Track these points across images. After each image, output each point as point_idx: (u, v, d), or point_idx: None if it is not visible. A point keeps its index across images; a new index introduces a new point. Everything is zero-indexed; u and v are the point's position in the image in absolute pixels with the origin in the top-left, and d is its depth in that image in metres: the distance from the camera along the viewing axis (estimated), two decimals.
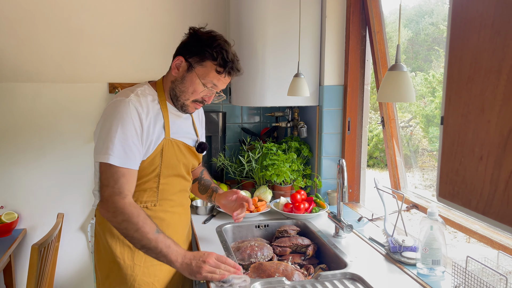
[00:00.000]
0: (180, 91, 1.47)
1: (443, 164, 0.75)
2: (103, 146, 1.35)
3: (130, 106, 1.38)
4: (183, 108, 1.51)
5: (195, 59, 1.44)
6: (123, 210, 1.32)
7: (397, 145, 2.20)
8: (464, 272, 1.25)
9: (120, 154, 1.34)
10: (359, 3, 2.20)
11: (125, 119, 1.36)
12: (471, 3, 0.67)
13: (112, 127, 1.36)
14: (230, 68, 1.45)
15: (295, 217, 2.05)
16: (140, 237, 1.31)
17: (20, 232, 2.49)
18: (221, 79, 1.46)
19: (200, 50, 1.42)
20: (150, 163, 1.45)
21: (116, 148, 1.34)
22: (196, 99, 1.48)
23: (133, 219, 1.31)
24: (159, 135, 1.45)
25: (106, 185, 1.35)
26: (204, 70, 1.43)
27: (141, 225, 1.31)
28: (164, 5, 2.62)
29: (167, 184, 1.52)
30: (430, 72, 4.76)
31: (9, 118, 2.50)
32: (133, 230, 1.31)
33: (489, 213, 0.65)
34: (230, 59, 1.43)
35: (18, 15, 2.44)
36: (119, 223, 1.33)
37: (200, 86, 1.45)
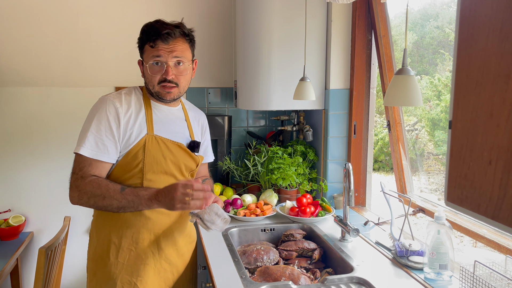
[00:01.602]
0: (147, 84, 1.55)
1: (451, 169, 0.75)
2: (79, 138, 1.47)
3: (107, 102, 1.49)
4: (159, 96, 1.55)
5: (141, 54, 1.56)
6: (84, 189, 1.40)
7: (403, 148, 2.20)
8: (472, 277, 1.25)
9: (91, 146, 1.43)
10: (365, 7, 2.20)
11: (101, 114, 1.47)
12: (479, 8, 0.67)
13: (88, 121, 1.48)
14: (155, 34, 1.47)
15: (301, 221, 2.04)
16: (110, 202, 1.40)
17: (27, 235, 2.51)
18: (159, 48, 1.48)
19: (139, 44, 1.56)
20: (133, 158, 1.49)
21: (88, 140, 1.44)
22: (159, 80, 1.51)
23: (96, 191, 1.40)
24: (140, 131, 1.50)
25: (73, 172, 1.45)
26: (146, 54, 1.52)
27: (105, 192, 1.39)
28: (170, 10, 2.64)
29: (153, 182, 1.53)
30: (436, 76, 4.75)
31: (16, 122, 2.52)
32: (101, 201, 1.40)
33: (499, 218, 0.65)
34: (153, 28, 1.48)
35: (26, 20, 2.46)
36: (88, 202, 1.42)
37: (150, 67, 1.51)
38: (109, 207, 1.41)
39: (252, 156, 2.46)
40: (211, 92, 2.76)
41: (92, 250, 1.60)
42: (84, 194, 1.41)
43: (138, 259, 1.54)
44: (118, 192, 1.40)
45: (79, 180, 1.42)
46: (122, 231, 1.53)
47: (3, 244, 2.38)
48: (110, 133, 1.46)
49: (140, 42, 1.54)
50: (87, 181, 1.41)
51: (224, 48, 2.74)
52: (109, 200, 1.40)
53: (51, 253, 2.04)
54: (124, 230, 1.53)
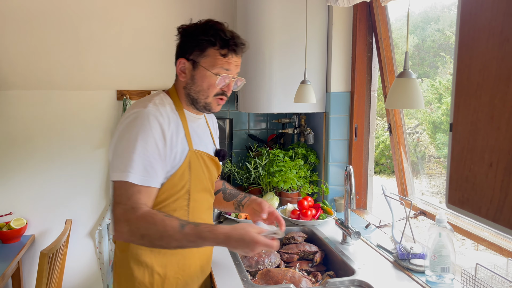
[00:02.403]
0: (197, 92, 1.36)
1: (453, 171, 0.75)
2: (121, 163, 1.23)
3: (150, 117, 1.26)
4: (207, 108, 1.39)
5: (196, 54, 1.33)
6: (137, 224, 1.19)
7: (404, 151, 2.20)
8: (474, 280, 1.24)
9: (140, 171, 1.22)
10: (366, 10, 2.21)
11: (146, 131, 1.24)
12: (479, 10, 0.68)
13: (130, 141, 1.23)
14: (233, 45, 1.33)
15: (302, 224, 2.04)
16: (168, 242, 1.19)
17: (29, 238, 2.51)
18: (230, 61, 1.34)
19: (196, 42, 1.32)
20: (179, 179, 1.34)
21: (135, 164, 1.21)
22: (216, 92, 1.36)
23: (151, 229, 1.18)
24: (183, 147, 1.34)
25: (118, 202, 1.22)
26: (209, 59, 1.32)
27: (162, 230, 1.18)
28: (172, 13, 2.65)
29: (196, 201, 1.40)
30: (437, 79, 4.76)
31: (18, 125, 2.53)
32: (157, 240, 1.19)
33: (500, 220, 0.65)
34: (229, 36, 1.33)
35: (28, 24, 2.47)
36: (140, 240, 1.20)
37: (213, 77, 1.33)
38: (166, 246, 1.21)
39: (253, 159, 2.46)
40: None
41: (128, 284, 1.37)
42: (137, 230, 1.18)
43: (185, 287, 1.43)
44: (178, 230, 1.18)
45: (130, 213, 1.19)
46: (166, 259, 1.38)
47: (5, 247, 2.38)
48: (158, 154, 1.26)
49: (204, 43, 1.32)
50: (140, 215, 1.19)
51: None
52: (167, 240, 1.18)
53: (53, 256, 2.05)
54: (169, 258, 1.38)
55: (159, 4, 2.63)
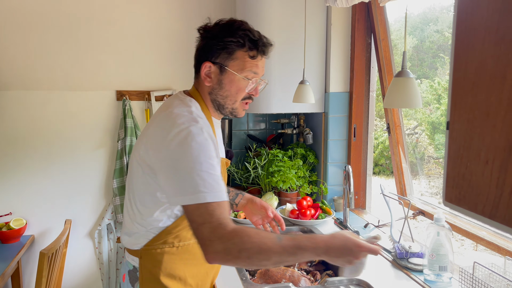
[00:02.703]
0: (224, 97, 1.28)
1: (449, 169, 0.76)
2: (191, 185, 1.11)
3: (204, 132, 1.16)
4: (233, 113, 1.33)
5: (223, 57, 1.25)
6: (232, 240, 1.07)
7: (403, 151, 2.21)
8: (471, 278, 1.25)
9: (213, 189, 1.12)
10: (364, 11, 2.22)
11: (205, 148, 1.14)
12: (475, 10, 0.68)
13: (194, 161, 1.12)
14: (262, 46, 1.27)
15: (301, 224, 2.05)
16: (267, 256, 1.07)
17: (28, 238, 2.51)
18: (258, 63, 1.28)
19: (223, 45, 1.24)
20: None
21: (207, 183, 1.11)
22: (244, 96, 1.30)
23: (249, 244, 1.06)
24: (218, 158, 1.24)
25: (201, 223, 1.10)
26: (238, 62, 1.25)
27: (260, 244, 1.07)
28: (171, 14, 2.66)
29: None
30: (436, 79, 4.77)
31: (18, 125, 2.54)
32: (256, 254, 1.07)
33: (496, 217, 0.66)
34: (257, 37, 1.26)
35: (28, 24, 2.48)
36: (237, 257, 1.07)
37: (242, 81, 1.26)
38: (265, 261, 1.08)
39: (253, 159, 2.47)
40: None
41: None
42: (233, 246, 1.06)
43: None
44: (276, 242, 1.07)
45: (220, 229, 1.08)
46: (197, 269, 1.33)
47: (4, 247, 2.39)
48: (219, 167, 1.18)
49: (232, 45, 1.24)
50: (231, 230, 1.08)
51: None
52: (266, 254, 1.06)
53: (52, 256, 2.05)
54: (199, 268, 1.33)
55: (158, 5, 2.64)
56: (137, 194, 1.25)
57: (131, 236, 1.29)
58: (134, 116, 2.61)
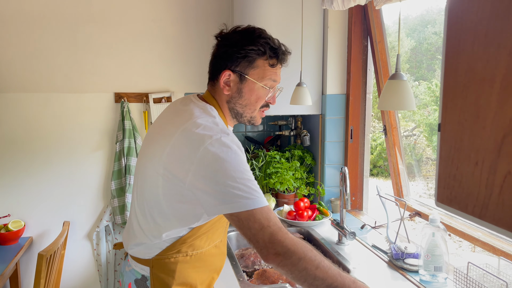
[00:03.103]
0: (243, 106, 1.27)
1: (441, 170, 0.77)
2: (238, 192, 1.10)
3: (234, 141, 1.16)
4: (251, 122, 1.32)
5: (243, 65, 1.23)
6: (295, 247, 1.07)
7: (400, 153, 2.22)
8: (466, 278, 1.26)
9: (260, 194, 1.12)
10: (361, 14, 2.24)
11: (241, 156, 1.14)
12: (465, 14, 0.70)
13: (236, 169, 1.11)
14: (282, 55, 1.27)
15: (298, 225, 2.06)
16: (324, 275, 1.06)
17: (27, 240, 2.52)
18: (277, 71, 1.28)
19: (244, 53, 1.22)
20: None
21: (254, 189, 1.11)
22: (262, 104, 1.30)
23: (308, 255, 1.06)
24: None
25: (260, 228, 1.09)
26: (258, 71, 1.24)
27: (319, 260, 1.07)
28: (169, 17, 2.67)
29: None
30: (433, 81, 4.78)
31: (17, 127, 2.54)
32: (313, 268, 1.06)
33: (485, 217, 0.67)
34: (277, 45, 1.26)
35: (27, 26, 2.49)
36: (296, 265, 1.06)
37: (261, 90, 1.26)
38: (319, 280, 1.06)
39: (250, 161, 2.48)
40: None
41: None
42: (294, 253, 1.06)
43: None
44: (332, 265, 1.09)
45: (280, 233, 1.08)
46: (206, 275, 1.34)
47: (3, 248, 2.39)
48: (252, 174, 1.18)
49: (253, 54, 1.23)
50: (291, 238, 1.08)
51: None
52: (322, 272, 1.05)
53: (50, 257, 2.06)
54: (207, 274, 1.34)
55: (156, 8, 2.65)
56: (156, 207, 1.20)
57: (141, 246, 1.26)
58: (132, 118, 2.62)
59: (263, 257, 1.09)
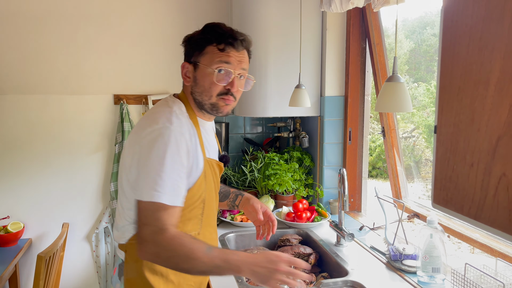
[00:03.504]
0: (200, 93, 1.32)
1: (437, 172, 0.78)
2: (149, 183, 1.18)
3: (177, 135, 1.21)
4: (214, 109, 1.33)
5: (196, 55, 1.32)
6: (166, 247, 1.16)
7: (398, 155, 2.23)
8: (463, 279, 1.27)
9: (169, 191, 1.18)
10: (359, 16, 2.25)
11: (173, 151, 1.19)
12: (460, 18, 0.71)
13: (159, 161, 1.18)
14: (230, 38, 1.29)
15: (297, 226, 2.07)
16: (193, 265, 1.16)
17: (26, 241, 2.52)
18: (230, 55, 1.29)
19: (195, 44, 1.33)
20: (197, 189, 1.30)
21: (165, 184, 1.17)
22: (220, 91, 1.30)
23: (179, 252, 1.15)
24: (200, 157, 1.30)
25: (145, 223, 1.18)
26: (208, 56, 1.29)
27: (189, 254, 1.15)
28: (168, 19, 2.68)
29: (209, 209, 1.38)
30: (432, 83, 4.79)
31: (16, 129, 2.55)
32: (183, 263, 1.16)
33: (481, 218, 0.68)
34: (225, 30, 1.30)
35: (25, 28, 2.50)
36: (167, 261, 1.18)
37: (212, 73, 1.28)
38: (191, 269, 1.17)
39: (249, 162, 2.49)
40: None
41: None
42: (164, 251, 1.16)
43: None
44: (204, 253, 1.15)
45: (158, 234, 1.16)
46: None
47: (2, 250, 2.39)
48: (184, 173, 1.23)
49: (202, 42, 1.30)
50: (169, 237, 1.16)
51: None
52: (192, 263, 1.15)
53: (50, 259, 2.06)
54: None
55: (156, 10, 2.66)
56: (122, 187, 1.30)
57: (119, 230, 1.33)
58: (132, 120, 2.63)
59: (138, 251, 1.19)
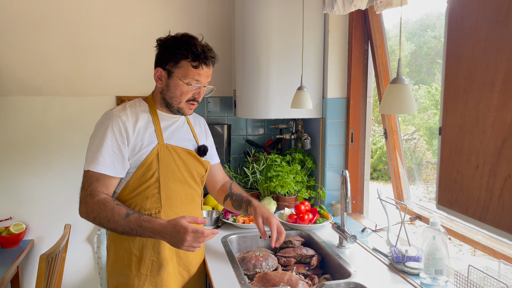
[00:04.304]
0: (170, 98, 1.54)
1: (442, 173, 0.78)
2: (88, 156, 1.48)
3: (113, 117, 1.48)
4: (180, 111, 1.57)
5: (171, 65, 1.50)
6: (92, 207, 1.42)
7: (400, 157, 2.23)
8: (466, 281, 1.27)
9: (100, 162, 1.44)
10: (361, 18, 2.25)
11: (107, 129, 1.47)
12: (465, 19, 0.71)
13: (97, 138, 1.48)
14: (203, 59, 1.49)
15: (299, 228, 2.07)
16: (115, 226, 1.40)
17: (28, 243, 2.52)
18: (200, 72, 1.50)
19: (171, 55, 1.50)
20: (147, 168, 1.51)
21: (95, 156, 1.45)
22: (188, 99, 1.54)
23: (101, 213, 1.40)
24: (151, 141, 1.52)
25: (82, 187, 1.47)
26: (182, 71, 1.49)
27: (109, 215, 1.40)
28: (170, 21, 2.69)
29: (170, 190, 1.55)
30: (433, 85, 4.79)
31: (18, 130, 2.55)
32: (106, 223, 1.41)
33: (486, 219, 0.68)
34: (200, 50, 1.48)
35: (28, 30, 2.51)
36: (94, 220, 1.43)
37: (185, 86, 1.51)
38: (114, 230, 1.42)
39: (251, 164, 2.49)
40: (211, 101, 2.80)
41: (112, 264, 1.59)
42: (91, 212, 1.42)
43: (161, 269, 1.55)
44: (123, 218, 1.40)
45: (88, 197, 1.44)
46: (142, 242, 1.54)
47: (4, 251, 2.40)
48: (117, 148, 1.47)
49: (178, 55, 1.49)
50: (95, 200, 1.42)
51: (223, 58, 2.78)
52: (113, 224, 1.40)
53: (52, 260, 2.06)
54: (144, 242, 1.54)
55: (158, 11, 2.67)
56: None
57: None
58: None
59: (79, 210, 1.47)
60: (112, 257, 1.58)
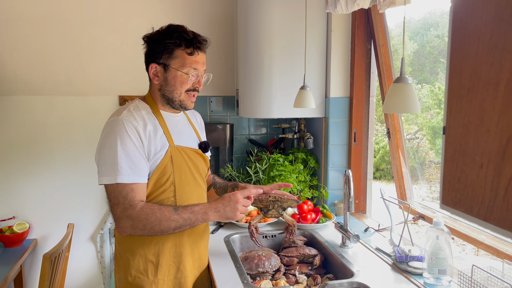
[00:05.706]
0: (170, 92, 1.49)
1: (446, 172, 0.77)
2: (107, 168, 1.37)
3: (124, 122, 1.40)
4: (182, 105, 1.52)
5: (165, 57, 1.46)
6: (138, 217, 1.36)
7: (403, 156, 2.22)
8: (470, 281, 1.26)
9: (126, 171, 1.37)
10: (364, 17, 2.25)
11: (122, 135, 1.38)
12: (469, 18, 0.71)
13: (111, 147, 1.38)
14: (197, 43, 1.47)
15: (302, 228, 2.06)
16: (167, 225, 1.37)
17: (31, 242, 2.53)
18: (196, 59, 1.47)
19: (163, 47, 1.45)
20: (163, 172, 1.46)
21: (120, 166, 1.36)
22: (188, 88, 1.50)
23: (151, 218, 1.36)
24: (163, 145, 1.46)
25: (116, 203, 1.38)
26: (178, 60, 1.46)
27: (160, 216, 1.36)
28: (172, 20, 2.66)
29: (183, 193, 1.52)
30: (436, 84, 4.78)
31: (21, 130, 2.56)
32: (157, 225, 1.37)
33: (490, 219, 0.67)
34: (191, 36, 1.46)
35: (31, 30, 2.51)
36: (143, 230, 1.37)
37: (184, 75, 1.46)
38: (166, 230, 1.38)
39: (254, 164, 2.49)
40: (213, 101, 2.80)
41: (125, 272, 1.50)
42: (139, 222, 1.36)
43: (177, 272, 1.52)
44: (173, 213, 1.37)
45: (129, 210, 1.36)
46: (158, 247, 1.49)
47: (7, 251, 2.40)
48: (138, 153, 1.40)
49: (171, 45, 1.45)
50: (138, 209, 1.36)
51: (225, 58, 2.78)
52: (166, 223, 1.36)
53: (55, 259, 2.07)
54: (160, 247, 1.49)
55: (161, 11, 2.67)
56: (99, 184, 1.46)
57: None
58: None
59: (117, 230, 1.40)
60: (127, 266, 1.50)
